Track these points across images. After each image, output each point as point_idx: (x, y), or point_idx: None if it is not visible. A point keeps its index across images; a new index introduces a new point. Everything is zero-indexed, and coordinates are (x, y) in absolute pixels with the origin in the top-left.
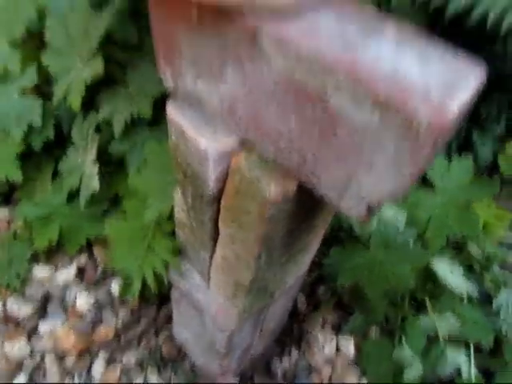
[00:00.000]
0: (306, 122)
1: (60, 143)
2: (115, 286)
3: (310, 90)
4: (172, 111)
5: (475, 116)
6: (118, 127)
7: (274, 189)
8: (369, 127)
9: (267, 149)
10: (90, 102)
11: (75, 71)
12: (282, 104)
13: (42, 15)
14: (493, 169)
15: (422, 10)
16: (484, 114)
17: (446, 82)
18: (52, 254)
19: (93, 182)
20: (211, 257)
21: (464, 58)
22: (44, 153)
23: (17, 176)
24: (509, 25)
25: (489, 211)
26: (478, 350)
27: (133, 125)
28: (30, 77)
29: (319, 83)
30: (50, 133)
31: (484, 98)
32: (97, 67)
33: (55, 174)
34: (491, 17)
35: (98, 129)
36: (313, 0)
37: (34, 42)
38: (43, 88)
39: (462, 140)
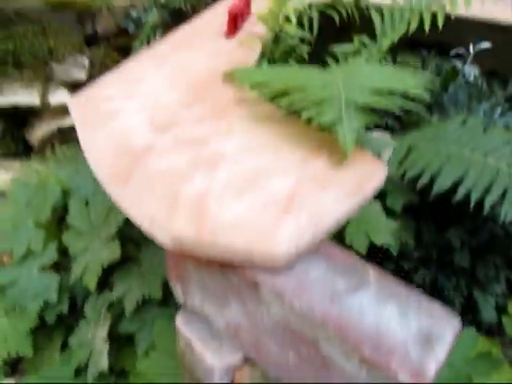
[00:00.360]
0: (302, 359)
1: (72, 313)
2: None
3: (305, 336)
4: (181, 323)
5: (474, 275)
6: (129, 307)
7: None
8: (358, 377)
9: (269, 370)
10: (104, 279)
11: (93, 251)
12: (281, 340)
13: (65, 196)
14: (499, 327)
15: (411, 185)
16: (482, 273)
17: (424, 339)
18: None
19: (102, 361)
20: None
21: (439, 308)
22: (56, 324)
23: (28, 352)
24: (491, 203)
25: (501, 375)
26: None
27: (143, 303)
28: (51, 254)
29: (312, 333)
30: (65, 308)
31: (480, 258)
32: (114, 251)
33: (64, 345)
34: (474, 197)
35: (110, 305)
36: (304, 252)
37: (56, 220)
38: (61, 263)
39: (464, 299)
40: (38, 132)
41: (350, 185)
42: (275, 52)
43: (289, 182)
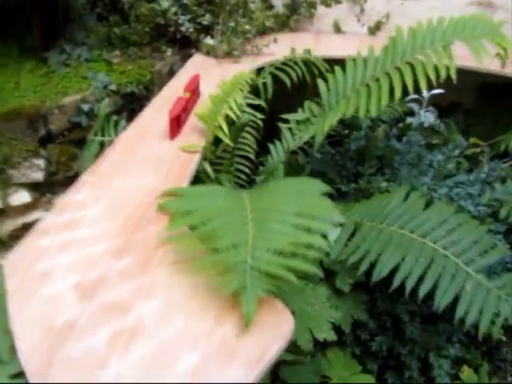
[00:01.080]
0: None
1: None
2: None
3: None
4: None
5: (428, 340)
6: None
7: None
8: None
9: None
10: None
11: None
12: None
13: None
14: None
15: (354, 268)
16: (434, 340)
17: None
18: None
19: None
20: None
21: None
22: None
23: None
24: (425, 291)
25: None
26: None
27: None
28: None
29: None
30: None
31: (432, 325)
32: None
33: None
34: (408, 285)
35: None
36: None
37: None
38: None
39: (421, 362)
40: (5, 228)
41: (255, 352)
42: (216, 151)
43: (194, 357)
